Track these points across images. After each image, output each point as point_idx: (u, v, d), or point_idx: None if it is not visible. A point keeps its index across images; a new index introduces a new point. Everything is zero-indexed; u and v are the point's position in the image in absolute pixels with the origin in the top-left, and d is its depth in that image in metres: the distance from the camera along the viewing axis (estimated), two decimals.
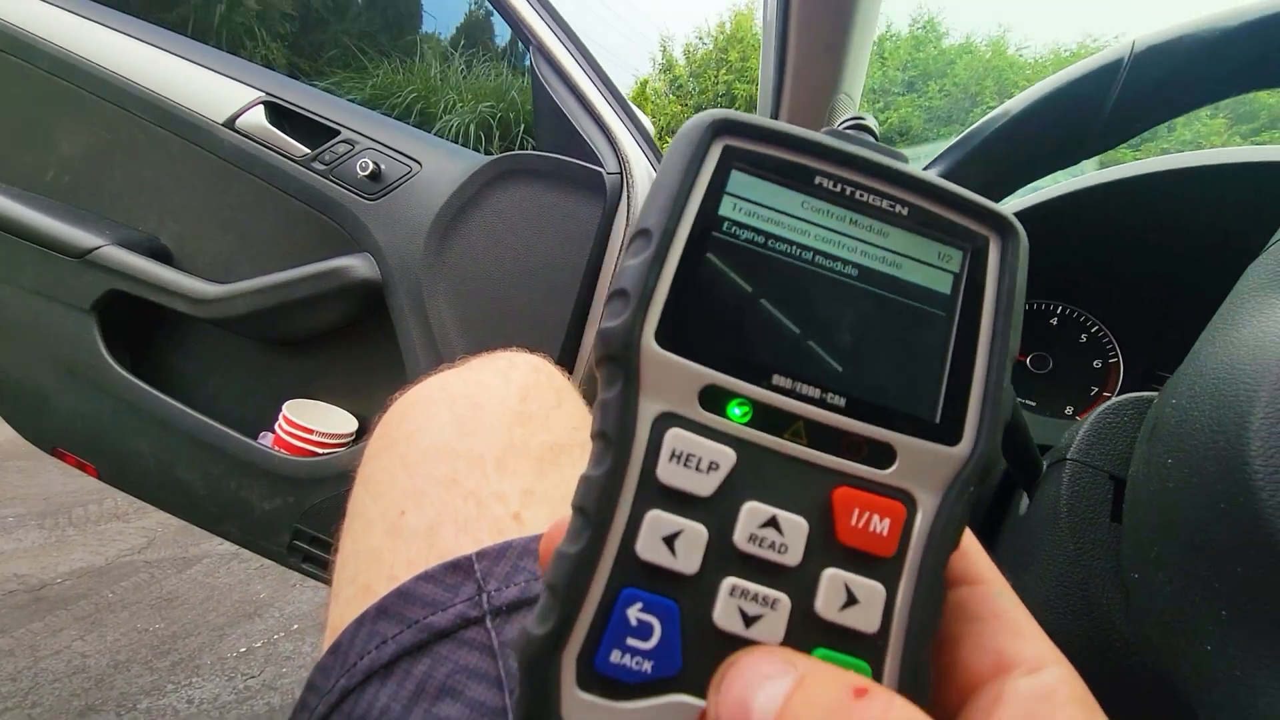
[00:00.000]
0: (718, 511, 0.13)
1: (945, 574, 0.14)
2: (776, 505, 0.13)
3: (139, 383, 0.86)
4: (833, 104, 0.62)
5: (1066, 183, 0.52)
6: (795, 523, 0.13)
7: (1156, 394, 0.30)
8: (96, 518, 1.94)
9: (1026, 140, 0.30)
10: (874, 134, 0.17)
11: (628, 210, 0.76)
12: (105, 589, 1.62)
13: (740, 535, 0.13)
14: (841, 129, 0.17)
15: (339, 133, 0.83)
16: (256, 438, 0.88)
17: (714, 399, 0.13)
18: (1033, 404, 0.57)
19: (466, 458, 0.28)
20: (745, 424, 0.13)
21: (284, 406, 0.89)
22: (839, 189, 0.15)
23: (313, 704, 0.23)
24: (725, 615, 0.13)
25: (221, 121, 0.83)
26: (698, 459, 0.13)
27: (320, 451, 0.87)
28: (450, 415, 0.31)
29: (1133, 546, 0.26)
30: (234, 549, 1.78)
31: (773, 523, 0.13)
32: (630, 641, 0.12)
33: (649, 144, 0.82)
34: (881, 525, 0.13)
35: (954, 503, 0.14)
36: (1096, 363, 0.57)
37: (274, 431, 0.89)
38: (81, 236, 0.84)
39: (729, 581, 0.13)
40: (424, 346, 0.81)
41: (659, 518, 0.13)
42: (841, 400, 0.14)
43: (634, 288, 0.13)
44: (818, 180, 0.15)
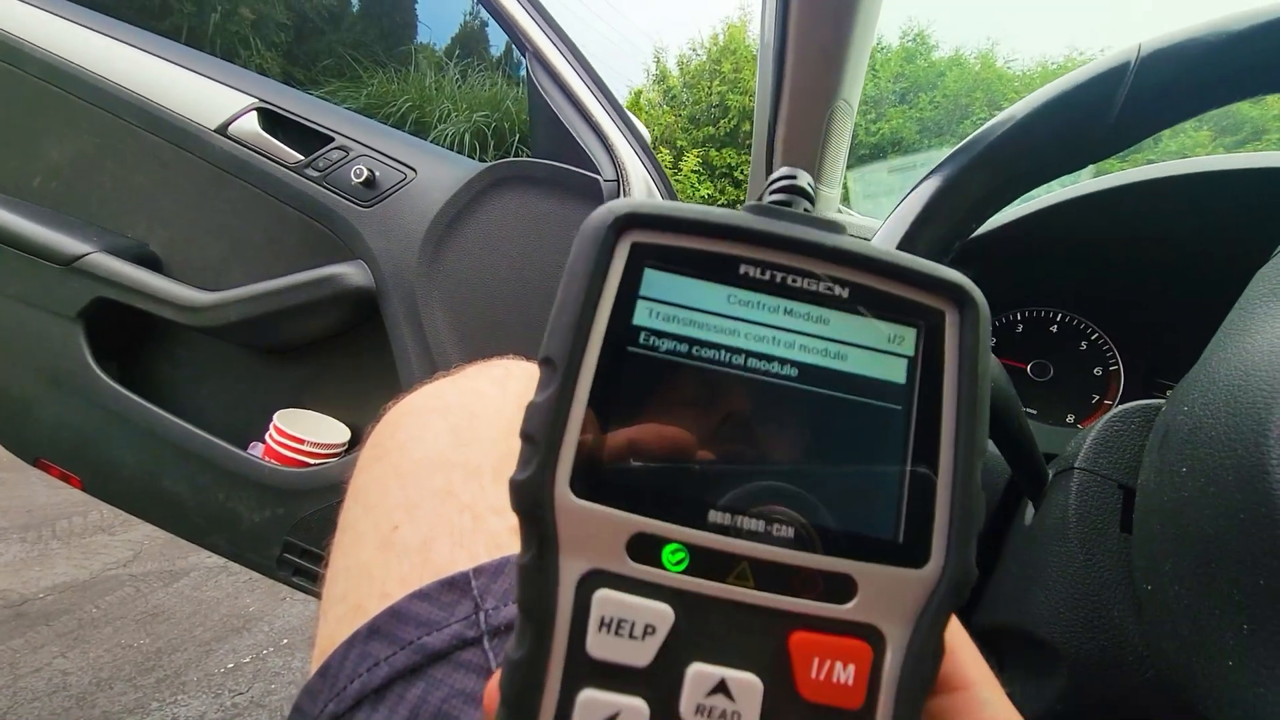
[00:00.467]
0: (659, 681, 0.12)
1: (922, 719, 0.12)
2: (725, 664, 0.12)
3: (126, 392, 0.85)
4: (831, 111, 0.62)
5: (1063, 190, 0.52)
6: (748, 683, 0.12)
7: (1163, 401, 0.30)
8: (81, 530, 1.91)
9: (1032, 145, 0.30)
10: (809, 197, 0.15)
11: None
12: (89, 604, 1.59)
13: (686, 707, 0.11)
14: (769, 198, 0.15)
15: (333, 139, 0.82)
16: (246, 448, 0.87)
17: (644, 548, 0.12)
18: (1034, 412, 0.56)
19: (462, 469, 0.28)
20: (682, 572, 0.12)
21: (275, 416, 0.87)
22: (768, 276, 0.13)
23: None
24: None
25: (214, 128, 0.83)
26: (630, 624, 0.12)
27: (312, 462, 0.86)
28: (445, 425, 0.30)
29: (1145, 558, 0.25)
30: (222, 562, 1.75)
31: (722, 687, 0.12)
32: None
33: (645, 151, 0.82)
34: (846, 673, 0.12)
35: (926, 635, 0.12)
36: (1097, 370, 0.56)
37: (264, 442, 0.88)
38: (68, 243, 0.83)
39: None
40: (418, 355, 0.80)
41: (592, 699, 0.11)
42: (790, 531, 0.12)
43: (539, 431, 0.12)
44: (743, 269, 0.13)
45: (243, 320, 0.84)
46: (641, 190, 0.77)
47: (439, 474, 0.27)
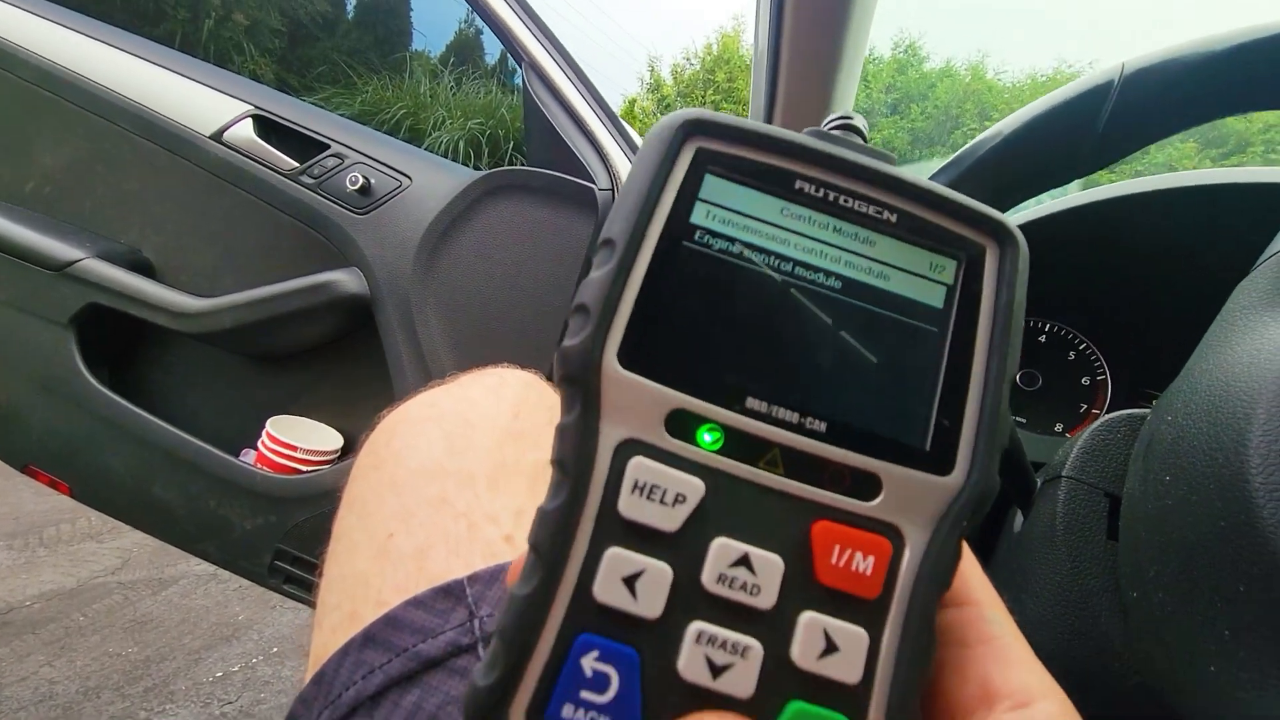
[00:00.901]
0: (684, 549, 0.12)
1: (936, 618, 0.13)
2: (749, 542, 0.12)
3: (117, 398, 0.84)
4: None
5: (1052, 202, 0.53)
6: (769, 561, 0.12)
7: (1148, 411, 0.31)
8: (69, 537, 1.88)
9: (1019, 160, 0.30)
10: (861, 134, 0.16)
11: None
12: (76, 612, 1.57)
13: (708, 575, 0.12)
14: (827, 129, 0.16)
15: (328, 146, 0.83)
16: (239, 455, 0.86)
17: (682, 424, 0.12)
18: (1023, 420, 0.57)
19: (457, 477, 0.28)
20: (716, 451, 0.12)
21: (267, 423, 0.87)
22: (822, 194, 0.14)
23: None
24: (691, 664, 0.12)
25: (209, 134, 0.83)
26: (663, 490, 0.12)
27: (304, 469, 0.85)
28: (440, 433, 0.30)
29: (1131, 565, 0.26)
30: (212, 569, 1.74)
31: (744, 561, 0.12)
32: (585, 694, 0.11)
33: None
34: (865, 564, 0.12)
35: (945, 539, 0.13)
36: (1085, 379, 0.57)
37: (257, 448, 0.87)
38: (60, 249, 0.83)
39: (695, 627, 0.12)
40: (412, 362, 0.80)
41: (619, 556, 0.12)
42: (822, 425, 0.13)
43: (595, 303, 0.12)
44: (798, 185, 0.14)
45: (236, 327, 0.84)
46: None
47: (434, 482, 0.27)
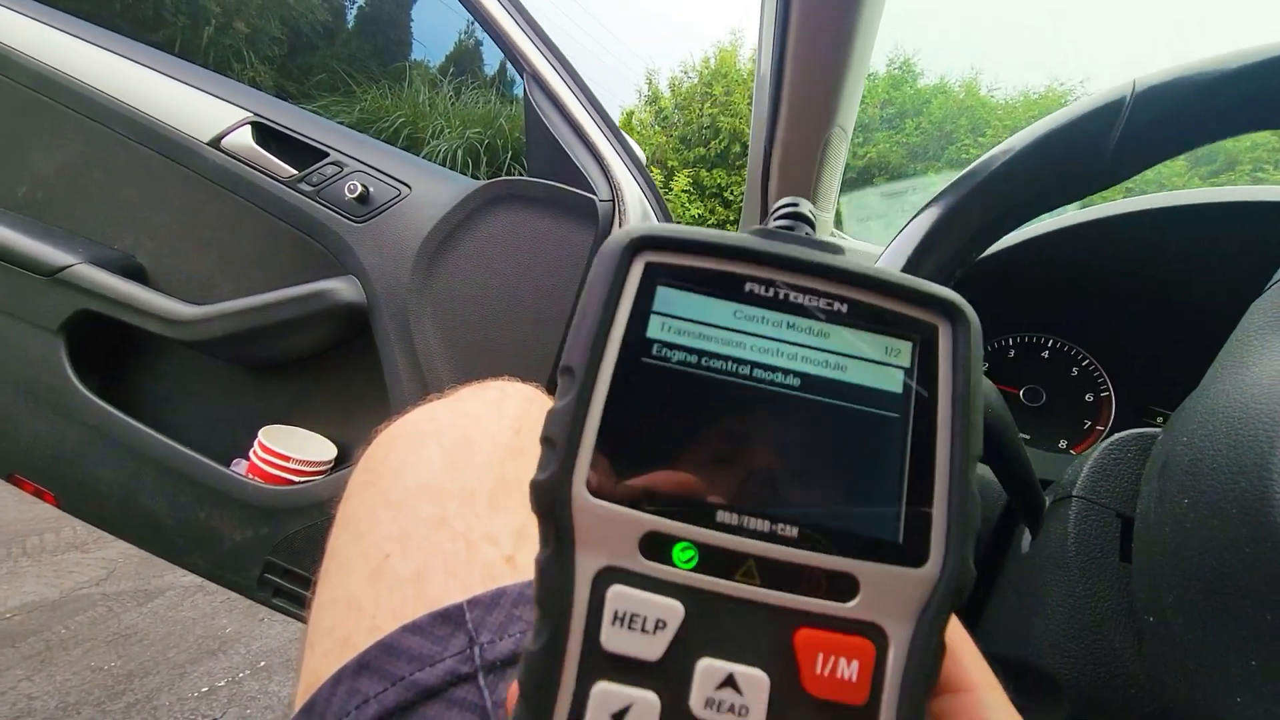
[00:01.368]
0: (670, 675, 0.12)
1: (926, 716, 0.13)
2: (733, 659, 0.12)
3: (106, 406, 0.83)
4: (827, 137, 0.62)
5: (1054, 219, 0.53)
6: (755, 678, 0.12)
7: (1159, 430, 0.30)
8: (53, 547, 1.85)
9: (1030, 177, 0.30)
10: (810, 222, 0.16)
11: None
12: (58, 624, 1.53)
13: (696, 700, 0.12)
14: (773, 223, 0.16)
15: (327, 154, 0.82)
16: (230, 465, 0.85)
17: (657, 546, 0.13)
18: (1026, 437, 0.57)
19: (457, 496, 0.27)
20: (692, 570, 0.13)
21: (260, 432, 0.85)
22: (772, 293, 0.14)
23: None
24: None
25: (206, 141, 0.82)
26: (643, 619, 0.12)
27: (296, 480, 0.84)
28: (439, 449, 0.30)
29: (1146, 589, 0.25)
30: (199, 581, 1.70)
31: (730, 681, 0.12)
32: None
33: (641, 172, 0.82)
34: (850, 669, 0.12)
35: (928, 633, 0.13)
36: (1088, 396, 0.57)
37: (248, 458, 0.86)
38: (52, 254, 0.81)
39: None
40: (409, 373, 0.79)
41: (606, 691, 0.12)
42: (793, 530, 0.13)
43: (559, 436, 0.13)
44: (748, 287, 0.14)
45: (229, 335, 0.83)
46: (636, 210, 0.78)
47: (432, 501, 0.27)
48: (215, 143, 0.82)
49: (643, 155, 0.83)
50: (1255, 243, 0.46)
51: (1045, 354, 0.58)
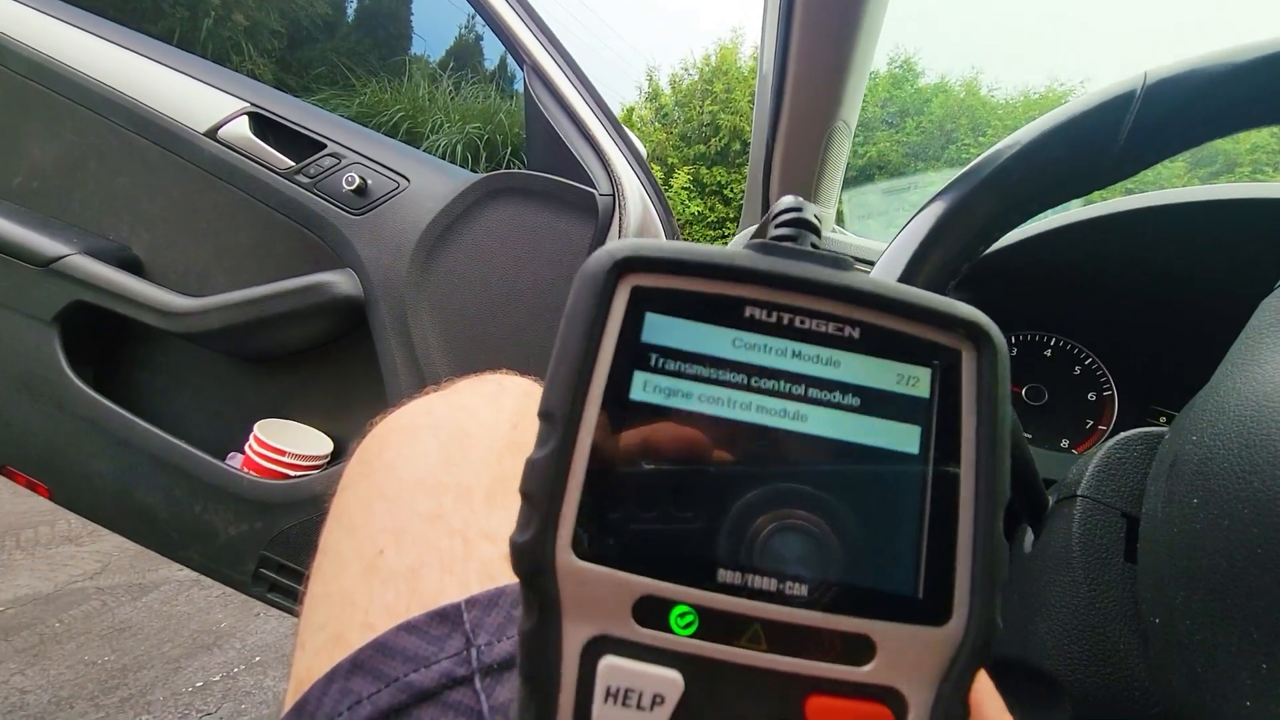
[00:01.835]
0: None
1: None
2: None
3: (101, 399, 0.82)
4: (830, 130, 0.62)
5: (1057, 216, 0.53)
6: None
7: (1164, 429, 0.30)
8: (47, 541, 1.84)
9: (1038, 170, 0.29)
10: (814, 229, 0.14)
11: (619, 233, 0.75)
12: (52, 618, 1.53)
13: None
14: (774, 230, 0.14)
15: (325, 146, 0.81)
16: (225, 459, 0.84)
17: (652, 611, 0.11)
18: (1029, 436, 0.56)
19: (453, 491, 0.26)
20: (692, 636, 0.11)
21: (255, 426, 0.85)
22: (775, 318, 0.12)
23: None
24: None
25: (203, 131, 0.81)
26: (639, 693, 0.11)
27: (292, 474, 0.83)
28: (435, 443, 0.29)
29: (1153, 590, 0.25)
30: (194, 576, 1.70)
31: None
32: None
33: (641, 167, 0.82)
34: None
35: (950, 697, 0.11)
36: (1091, 395, 0.57)
37: (244, 452, 0.85)
38: (46, 244, 0.81)
39: None
40: (406, 366, 0.79)
41: None
42: (803, 589, 0.12)
43: (540, 492, 0.11)
44: (748, 312, 0.12)
45: (225, 327, 0.82)
46: (637, 205, 0.77)
47: (428, 496, 0.26)
48: (212, 133, 0.81)
49: (643, 150, 0.82)
50: (1259, 241, 0.46)
51: (1048, 352, 0.58)
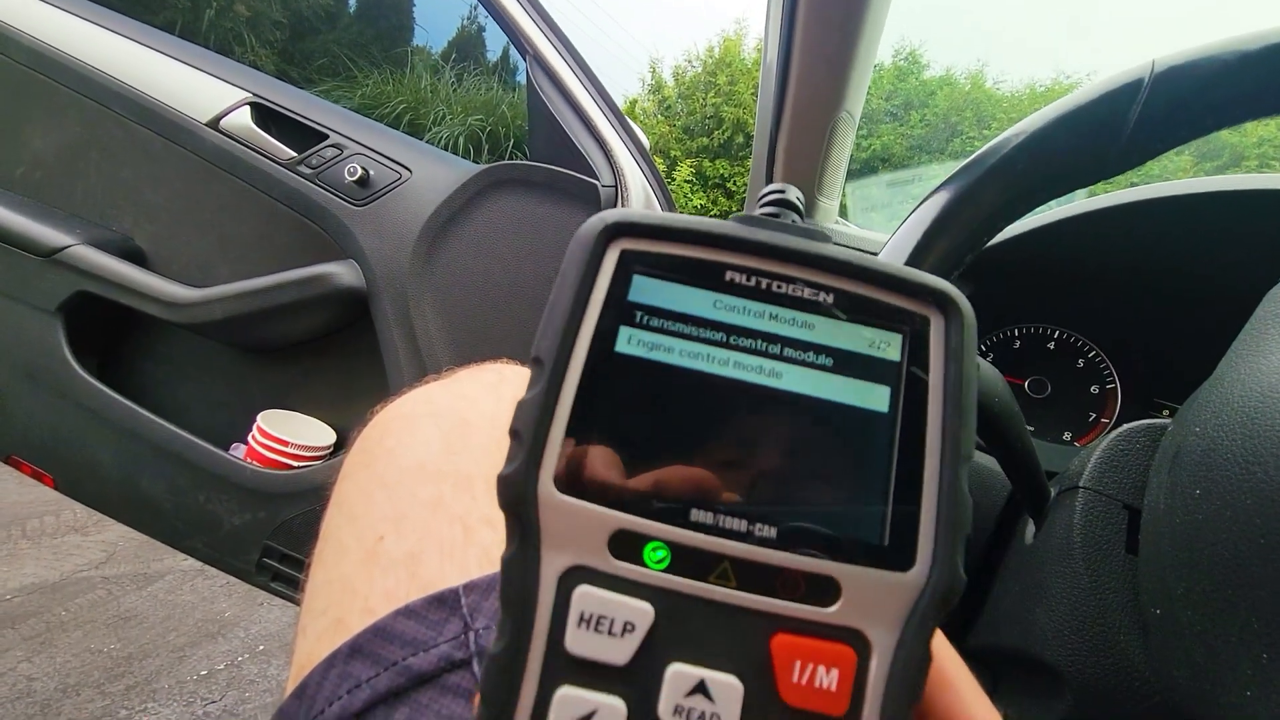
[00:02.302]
0: (638, 680, 0.11)
1: None
2: (705, 665, 0.12)
3: (104, 388, 0.82)
4: (834, 121, 0.61)
5: (1061, 209, 0.52)
6: (728, 685, 0.11)
7: (1167, 421, 0.30)
8: (53, 530, 1.86)
9: (1045, 159, 0.29)
10: (796, 209, 0.16)
11: None
12: (58, 606, 1.54)
13: (665, 708, 0.11)
14: (759, 209, 0.15)
15: (327, 136, 0.81)
16: (228, 449, 0.85)
17: (627, 545, 0.12)
18: (1031, 428, 0.56)
19: (453, 478, 0.26)
20: (664, 570, 0.12)
21: (258, 417, 0.85)
22: (754, 282, 0.13)
23: None
24: None
25: (205, 121, 0.81)
26: (610, 620, 0.12)
27: (295, 464, 0.84)
28: (436, 431, 0.29)
29: (1154, 580, 0.25)
30: (199, 565, 1.71)
31: (701, 688, 0.11)
32: None
33: (644, 158, 0.82)
34: (829, 678, 0.12)
35: (913, 641, 0.12)
36: (1094, 388, 0.56)
37: (247, 443, 0.86)
38: (50, 234, 0.81)
39: None
40: (408, 357, 0.79)
41: (569, 696, 0.11)
42: (772, 531, 0.12)
43: (526, 429, 0.12)
44: (729, 276, 0.13)
45: (228, 318, 0.82)
46: (640, 197, 0.77)
47: (428, 483, 0.26)
48: (214, 123, 0.81)
49: (646, 141, 0.82)
50: (1263, 232, 0.46)
51: (1051, 345, 0.58)
